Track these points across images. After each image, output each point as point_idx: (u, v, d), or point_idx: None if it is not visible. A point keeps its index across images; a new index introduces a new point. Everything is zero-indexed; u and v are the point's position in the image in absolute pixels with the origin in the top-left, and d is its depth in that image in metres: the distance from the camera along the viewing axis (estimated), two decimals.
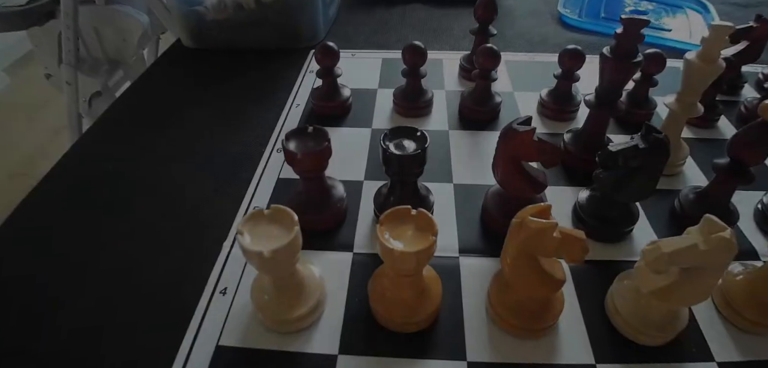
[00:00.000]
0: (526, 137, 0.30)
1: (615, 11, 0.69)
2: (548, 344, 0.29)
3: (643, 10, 0.69)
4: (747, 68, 0.56)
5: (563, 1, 0.68)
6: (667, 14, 0.70)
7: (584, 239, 0.25)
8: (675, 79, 0.44)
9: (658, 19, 0.68)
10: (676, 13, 0.71)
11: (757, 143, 0.31)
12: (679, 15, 0.70)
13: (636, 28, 0.34)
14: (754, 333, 0.30)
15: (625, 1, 0.72)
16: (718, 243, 0.24)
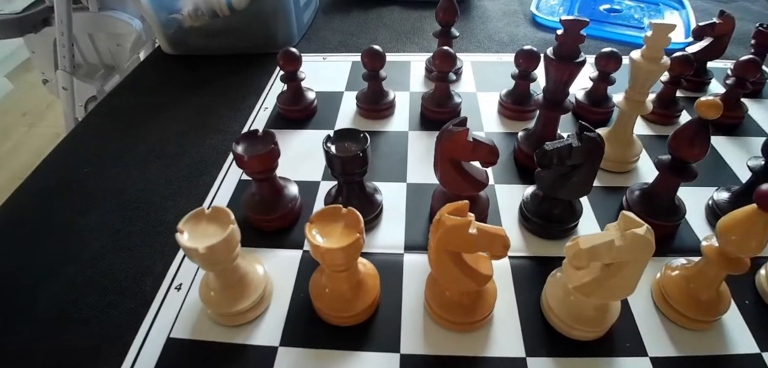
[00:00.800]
0: (460, 137, 0.31)
1: (592, 11, 0.69)
2: (481, 337, 0.30)
3: (619, 9, 0.69)
4: (717, 64, 0.56)
5: (537, 3, 0.69)
6: (642, 12, 0.70)
7: (503, 235, 0.26)
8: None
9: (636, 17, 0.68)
10: (651, 10, 0.70)
11: (694, 139, 0.32)
12: (654, 12, 0.70)
13: (576, 28, 0.34)
14: (689, 328, 0.30)
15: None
16: (633, 240, 0.24)
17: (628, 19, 0.68)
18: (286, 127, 0.47)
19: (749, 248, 0.27)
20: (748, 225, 0.26)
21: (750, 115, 0.50)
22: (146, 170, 0.44)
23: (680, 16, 0.68)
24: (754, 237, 0.26)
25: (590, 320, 0.29)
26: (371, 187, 0.37)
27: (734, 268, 0.28)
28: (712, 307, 0.30)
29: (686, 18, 0.67)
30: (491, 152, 0.32)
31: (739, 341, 0.30)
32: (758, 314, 0.31)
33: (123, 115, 0.53)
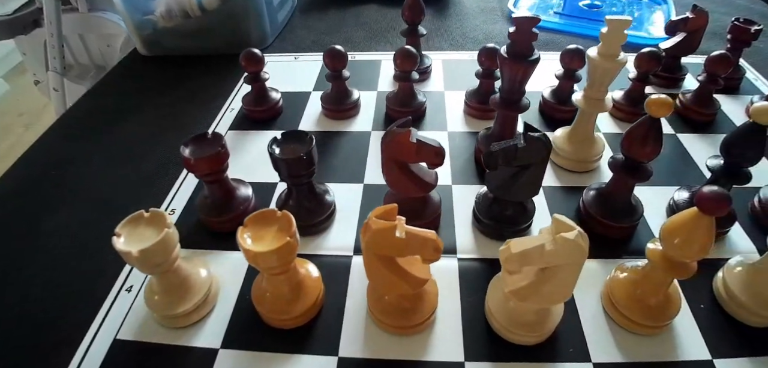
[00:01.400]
0: (402, 138, 0.30)
1: (572, 7, 0.67)
2: (420, 341, 0.29)
3: (599, 5, 0.67)
4: (694, 60, 0.55)
5: (515, 1, 0.67)
6: (623, 7, 0.68)
7: (434, 238, 0.26)
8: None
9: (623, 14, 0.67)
10: (633, 5, 0.69)
11: (646, 139, 0.31)
12: (636, 8, 0.68)
13: (528, 26, 0.33)
14: (637, 333, 0.29)
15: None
16: (563, 245, 0.24)
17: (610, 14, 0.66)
18: (250, 127, 0.47)
19: (692, 252, 0.26)
20: (690, 228, 0.25)
21: (724, 111, 0.48)
22: (113, 172, 0.44)
23: (662, 12, 0.66)
24: (696, 241, 0.25)
25: (530, 324, 0.28)
26: (322, 188, 0.37)
27: (679, 273, 0.27)
28: (661, 312, 0.29)
29: (668, 13, 0.65)
30: (436, 154, 0.31)
31: (690, 347, 0.29)
32: (713, 319, 0.30)
33: (96, 116, 0.53)
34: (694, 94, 0.46)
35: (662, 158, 0.44)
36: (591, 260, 0.34)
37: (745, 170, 0.33)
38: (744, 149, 0.31)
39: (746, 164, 0.32)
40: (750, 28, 0.48)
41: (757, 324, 0.30)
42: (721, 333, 0.30)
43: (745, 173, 0.33)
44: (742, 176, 0.33)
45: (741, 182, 0.33)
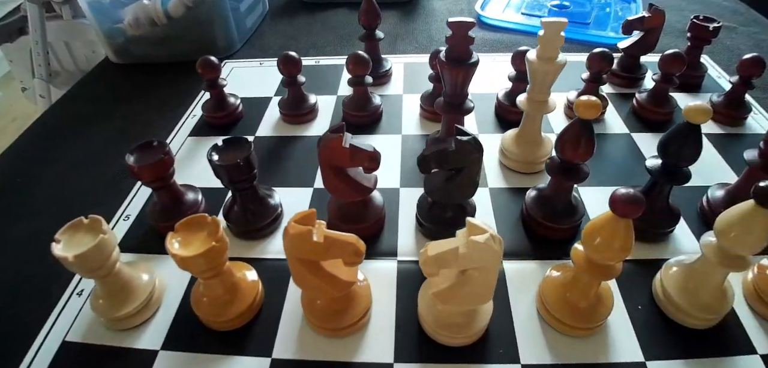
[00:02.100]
0: (334, 144, 0.31)
1: (540, 7, 0.67)
2: (352, 343, 0.30)
3: (567, 5, 0.67)
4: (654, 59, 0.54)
5: (483, 3, 0.67)
6: (592, 7, 0.68)
7: (353, 242, 0.26)
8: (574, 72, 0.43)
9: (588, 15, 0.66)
10: (602, 4, 0.68)
11: (578, 141, 0.31)
12: (603, 7, 0.68)
13: (464, 30, 0.33)
14: (568, 335, 0.29)
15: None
16: (474, 248, 0.24)
17: (577, 16, 0.66)
18: (210, 134, 0.47)
19: (612, 254, 0.26)
20: (609, 231, 0.25)
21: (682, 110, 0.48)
22: (78, 178, 0.45)
23: (632, 11, 0.66)
24: (616, 240, 0.25)
25: (458, 325, 0.28)
26: (267, 193, 0.37)
27: (603, 274, 0.27)
28: (591, 313, 0.29)
29: (637, 13, 0.65)
30: (370, 159, 0.32)
31: (623, 348, 0.29)
32: (649, 320, 0.30)
33: (65, 124, 0.54)
34: (649, 93, 0.46)
35: (614, 158, 0.44)
36: (532, 261, 0.34)
37: (683, 169, 0.33)
38: (680, 148, 0.31)
39: (684, 163, 0.32)
40: (709, 26, 0.47)
41: (693, 325, 0.30)
42: (656, 334, 0.30)
43: (683, 172, 0.33)
44: (680, 176, 0.33)
45: (680, 181, 0.33)
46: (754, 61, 0.43)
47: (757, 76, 0.44)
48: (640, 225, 0.35)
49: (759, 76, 0.44)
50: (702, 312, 0.29)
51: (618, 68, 0.51)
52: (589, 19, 0.64)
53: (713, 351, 0.29)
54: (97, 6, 0.57)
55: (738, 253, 0.27)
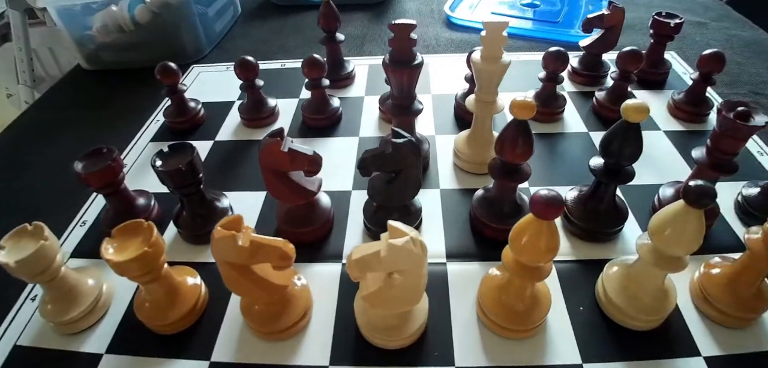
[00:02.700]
0: (272, 148, 0.31)
1: (511, 5, 0.67)
2: (289, 346, 0.30)
3: (537, 4, 0.67)
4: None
5: (452, 3, 0.67)
6: (563, 5, 0.67)
7: (279, 247, 0.26)
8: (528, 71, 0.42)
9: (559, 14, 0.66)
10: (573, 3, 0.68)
11: (515, 141, 0.31)
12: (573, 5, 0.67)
13: (406, 32, 0.33)
14: (502, 337, 0.30)
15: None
16: (392, 251, 0.24)
17: (547, 14, 0.65)
18: (172, 139, 0.48)
19: (539, 254, 0.26)
20: (534, 231, 0.25)
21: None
22: (41, 185, 0.46)
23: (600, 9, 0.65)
24: (541, 241, 0.25)
25: (391, 328, 0.28)
26: (215, 197, 0.37)
27: (532, 276, 0.27)
28: (527, 316, 0.29)
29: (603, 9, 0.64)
30: (310, 162, 0.32)
31: (561, 350, 0.29)
32: (589, 322, 0.30)
33: (35, 130, 0.54)
34: (607, 91, 0.46)
35: (571, 157, 0.44)
36: (475, 262, 0.34)
37: (626, 168, 0.32)
38: (621, 147, 0.31)
39: (625, 162, 0.32)
40: (670, 22, 0.47)
41: (635, 327, 0.29)
42: (596, 335, 0.30)
43: (626, 171, 0.32)
44: (623, 175, 0.32)
45: (623, 180, 0.33)
46: (713, 57, 0.43)
47: (717, 72, 0.44)
48: (586, 225, 0.35)
49: (719, 71, 0.43)
50: (642, 314, 0.29)
51: (580, 67, 0.51)
52: (558, 18, 0.63)
53: (655, 353, 0.29)
54: (67, 13, 0.57)
55: (672, 253, 0.26)
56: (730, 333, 0.29)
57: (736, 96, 0.50)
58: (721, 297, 0.30)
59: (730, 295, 0.30)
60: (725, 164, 0.33)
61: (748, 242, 0.28)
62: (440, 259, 0.34)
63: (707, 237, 0.35)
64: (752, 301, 0.29)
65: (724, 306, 0.29)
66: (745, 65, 0.54)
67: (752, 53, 0.56)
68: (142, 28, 0.57)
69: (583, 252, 0.34)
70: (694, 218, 0.25)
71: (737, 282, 0.30)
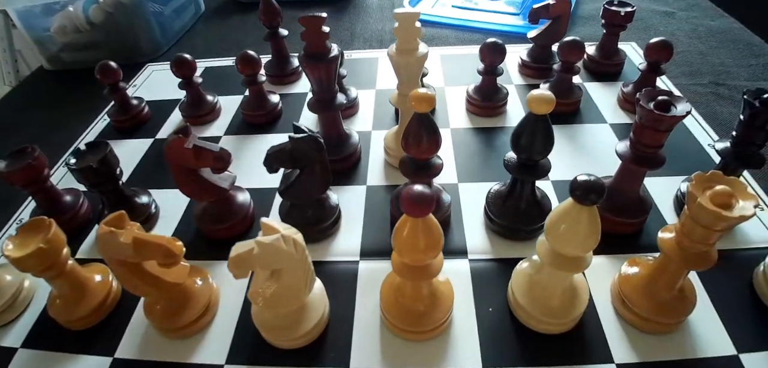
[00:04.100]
0: (175, 144, 0.31)
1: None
2: (189, 344, 0.30)
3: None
4: None
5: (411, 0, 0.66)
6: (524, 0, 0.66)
7: (164, 244, 0.26)
8: None
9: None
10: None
11: (417, 136, 0.30)
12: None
13: (317, 25, 0.33)
14: (401, 338, 0.29)
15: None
16: (263, 248, 0.24)
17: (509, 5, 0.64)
18: (117, 137, 0.48)
19: (418, 253, 0.25)
20: (409, 230, 0.24)
21: (593, 100, 0.46)
22: None
23: None
24: (420, 239, 0.24)
25: (281, 328, 0.28)
26: (135, 194, 0.38)
27: (417, 276, 0.26)
28: (424, 317, 0.28)
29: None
30: (216, 159, 0.32)
31: (463, 354, 0.28)
32: (497, 325, 0.30)
33: None
34: (551, 84, 0.44)
35: (501, 154, 0.42)
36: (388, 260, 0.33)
37: (541, 163, 0.31)
38: (531, 141, 0.30)
39: (537, 156, 0.31)
40: (621, 11, 0.45)
41: (543, 330, 0.29)
42: (502, 339, 0.29)
43: (541, 166, 0.31)
44: (538, 170, 0.31)
45: (539, 175, 0.31)
46: (660, 45, 0.41)
47: (665, 61, 0.42)
48: (505, 223, 0.34)
49: (667, 60, 0.42)
50: (549, 316, 0.28)
51: (529, 59, 0.49)
52: (520, 10, 0.62)
53: (563, 358, 0.28)
54: (26, 14, 0.58)
55: (568, 253, 0.25)
56: (650, 339, 0.28)
57: (695, 87, 0.48)
58: (638, 300, 0.28)
59: (647, 299, 0.28)
60: (650, 158, 0.31)
61: (659, 242, 0.27)
62: (353, 257, 0.34)
63: (640, 235, 0.34)
64: (672, 305, 0.28)
65: (641, 310, 0.28)
66: (708, 55, 0.52)
67: (718, 42, 0.53)
68: (98, 28, 0.57)
69: (501, 250, 0.33)
70: (586, 216, 0.24)
71: (655, 285, 0.28)
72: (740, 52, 0.52)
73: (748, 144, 0.33)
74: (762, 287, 0.30)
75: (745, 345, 0.28)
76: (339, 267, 0.33)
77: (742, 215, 0.23)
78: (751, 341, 0.28)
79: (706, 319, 0.29)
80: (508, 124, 0.44)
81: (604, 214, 0.34)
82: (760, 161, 0.33)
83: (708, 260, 0.26)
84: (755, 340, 0.28)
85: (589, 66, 0.50)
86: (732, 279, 0.31)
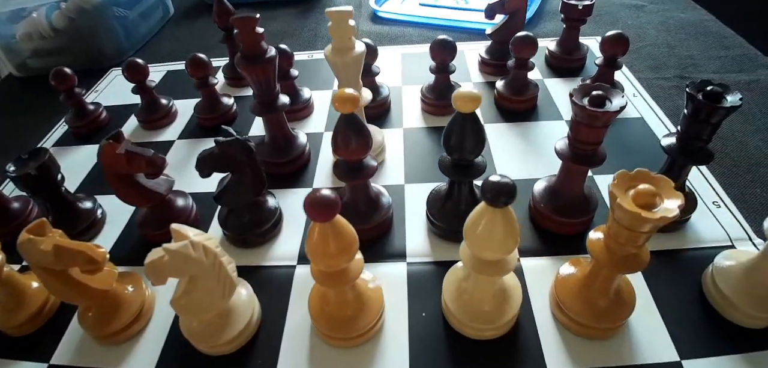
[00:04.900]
0: (107, 151, 0.31)
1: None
2: (121, 351, 0.30)
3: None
4: None
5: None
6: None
7: (84, 251, 0.26)
8: None
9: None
10: None
11: (345, 138, 0.30)
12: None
13: (250, 26, 0.33)
14: (328, 344, 0.29)
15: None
16: (171, 255, 0.24)
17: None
18: (74, 143, 0.49)
19: (329, 258, 0.25)
20: (317, 234, 0.24)
21: (552, 97, 0.45)
22: None
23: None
24: (330, 244, 0.24)
25: (202, 335, 0.28)
26: (79, 199, 0.38)
27: (334, 282, 0.26)
28: (350, 323, 0.28)
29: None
30: (148, 164, 0.32)
31: (390, 361, 0.28)
32: (429, 330, 0.29)
33: None
34: (506, 82, 0.44)
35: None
36: None
37: (474, 163, 0.31)
38: (461, 140, 0.29)
39: (469, 155, 0.30)
40: (578, 5, 0.45)
41: (473, 336, 0.28)
42: (431, 345, 0.28)
43: (476, 166, 0.31)
44: (474, 170, 0.31)
45: (474, 175, 0.31)
46: (615, 39, 0.40)
47: (622, 54, 0.41)
48: (445, 225, 0.34)
49: (623, 54, 0.41)
50: (480, 322, 0.28)
51: (488, 56, 0.49)
52: (465, 4, 0.61)
53: (495, 366, 0.27)
54: None
55: (488, 257, 0.25)
56: (586, 345, 0.28)
57: (659, 81, 0.47)
58: (573, 304, 0.28)
59: (582, 303, 0.28)
60: (589, 156, 0.31)
61: (588, 245, 0.26)
62: (291, 262, 0.34)
63: (585, 235, 0.33)
64: (609, 309, 0.27)
65: (576, 314, 0.28)
66: (676, 48, 0.51)
67: (687, 35, 0.53)
68: (61, 34, 0.58)
69: (441, 253, 0.33)
70: (501, 218, 0.23)
71: (589, 289, 0.28)
72: (710, 45, 0.51)
73: (694, 139, 0.32)
74: (710, 290, 0.30)
75: (689, 351, 0.27)
76: (275, 272, 0.33)
77: (663, 216, 0.22)
78: (696, 347, 0.27)
79: (649, 323, 0.29)
80: None
81: (548, 214, 0.34)
82: (707, 156, 0.32)
83: (638, 263, 0.25)
84: (700, 346, 0.27)
85: (551, 62, 0.50)
86: (681, 280, 0.31)
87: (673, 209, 0.23)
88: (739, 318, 0.28)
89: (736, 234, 0.34)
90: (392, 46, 0.58)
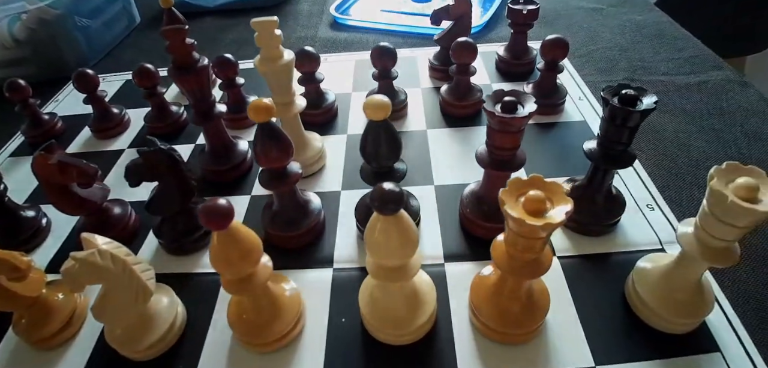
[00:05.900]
0: (39, 161, 0.33)
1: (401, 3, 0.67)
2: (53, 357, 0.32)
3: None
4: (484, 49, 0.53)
5: (337, 5, 0.68)
6: None
7: (8, 259, 0.29)
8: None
9: None
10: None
11: (265, 145, 0.31)
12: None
13: (180, 38, 0.35)
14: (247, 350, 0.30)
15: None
16: (80, 263, 0.25)
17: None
18: (30, 153, 0.51)
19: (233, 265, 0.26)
20: (218, 248, 0.25)
21: None
22: None
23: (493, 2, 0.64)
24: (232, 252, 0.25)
25: (122, 341, 0.30)
26: (20, 208, 0.40)
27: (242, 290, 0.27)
28: (264, 329, 0.29)
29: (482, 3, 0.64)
30: (80, 174, 0.34)
31: (305, 365, 0.29)
32: (347, 334, 0.31)
33: None
34: (450, 88, 0.45)
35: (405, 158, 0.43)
36: None
37: (395, 168, 0.32)
38: (376, 148, 0.31)
39: (386, 162, 0.32)
40: (523, 10, 0.46)
41: (385, 341, 0.29)
42: (347, 351, 0.30)
43: (396, 171, 0.32)
44: (394, 176, 0.32)
45: (395, 180, 0.32)
46: (554, 43, 0.42)
47: (561, 58, 0.43)
48: None
49: (563, 57, 0.43)
50: (393, 327, 0.29)
51: (436, 62, 0.51)
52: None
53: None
54: None
55: (388, 264, 0.26)
56: (499, 350, 0.29)
57: (608, 83, 0.48)
58: (485, 309, 0.29)
59: (493, 307, 0.29)
60: (507, 161, 0.32)
61: (492, 250, 0.27)
62: None
63: None
64: (520, 314, 0.29)
65: (488, 319, 0.29)
66: (629, 50, 0.52)
67: (642, 37, 0.54)
68: (23, 45, 0.61)
69: (364, 258, 0.34)
70: (395, 224, 0.25)
71: (500, 294, 0.29)
72: (664, 46, 0.52)
73: (614, 143, 0.33)
74: (631, 294, 0.31)
75: (604, 357, 0.28)
76: (204, 279, 0.35)
77: (548, 223, 0.23)
78: (612, 353, 0.28)
79: (568, 329, 0.30)
80: (408, 128, 0.45)
81: (476, 220, 0.36)
82: (629, 159, 0.33)
83: (540, 269, 0.26)
84: (617, 352, 0.28)
85: (500, 66, 0.51)
86: (605, 285, 0.32)
87: (560, 216, 0.23)
88: (659, 323, 0.29)
89: (666, 237, 0.35)
90: (347, 53, 0.60)
